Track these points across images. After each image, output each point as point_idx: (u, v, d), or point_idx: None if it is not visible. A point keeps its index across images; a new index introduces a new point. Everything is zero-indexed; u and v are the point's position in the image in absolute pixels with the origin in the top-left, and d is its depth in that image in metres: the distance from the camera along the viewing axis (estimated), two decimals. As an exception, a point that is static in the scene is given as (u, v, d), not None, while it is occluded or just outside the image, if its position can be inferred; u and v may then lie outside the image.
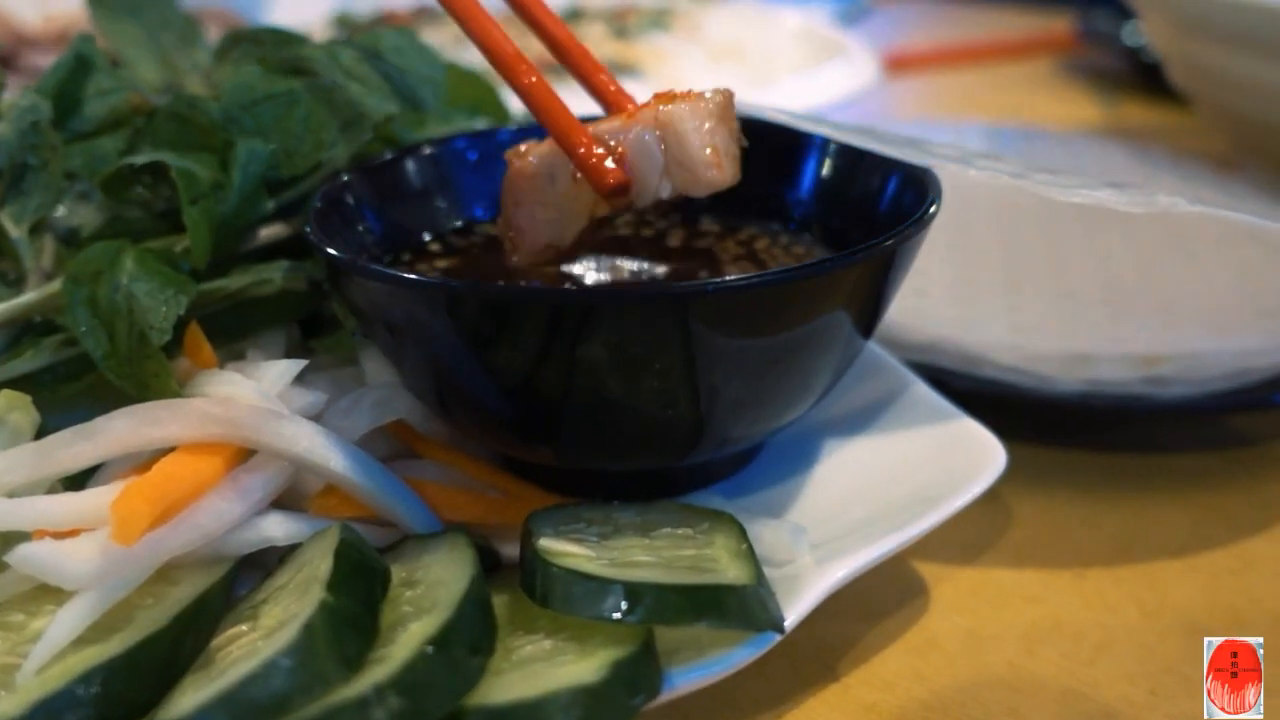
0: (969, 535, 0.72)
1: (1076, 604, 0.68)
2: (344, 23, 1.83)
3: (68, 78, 0.75)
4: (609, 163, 0.63)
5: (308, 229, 0.65)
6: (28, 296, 0.68)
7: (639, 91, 0.70)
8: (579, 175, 0.65)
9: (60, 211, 0.72)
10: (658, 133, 0.63)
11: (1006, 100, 1.75)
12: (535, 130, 0.81)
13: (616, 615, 0.51)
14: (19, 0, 1.72)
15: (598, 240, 0.77)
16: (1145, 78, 1.69)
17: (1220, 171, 1.19)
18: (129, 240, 0.67)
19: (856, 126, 0.76)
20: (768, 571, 0.58)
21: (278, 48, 0.79)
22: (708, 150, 0.63)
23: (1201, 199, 0.69)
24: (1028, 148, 1.29)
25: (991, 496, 0.67)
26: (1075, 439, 0.83)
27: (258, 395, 0.63)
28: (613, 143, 0.64)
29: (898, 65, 1.83)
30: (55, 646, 0.51)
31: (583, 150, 0.64)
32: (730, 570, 0.56)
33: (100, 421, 0.59)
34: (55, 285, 0.67)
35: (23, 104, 0.72)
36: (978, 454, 0.67)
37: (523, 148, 0.68)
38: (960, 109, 1.69)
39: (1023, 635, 0.65)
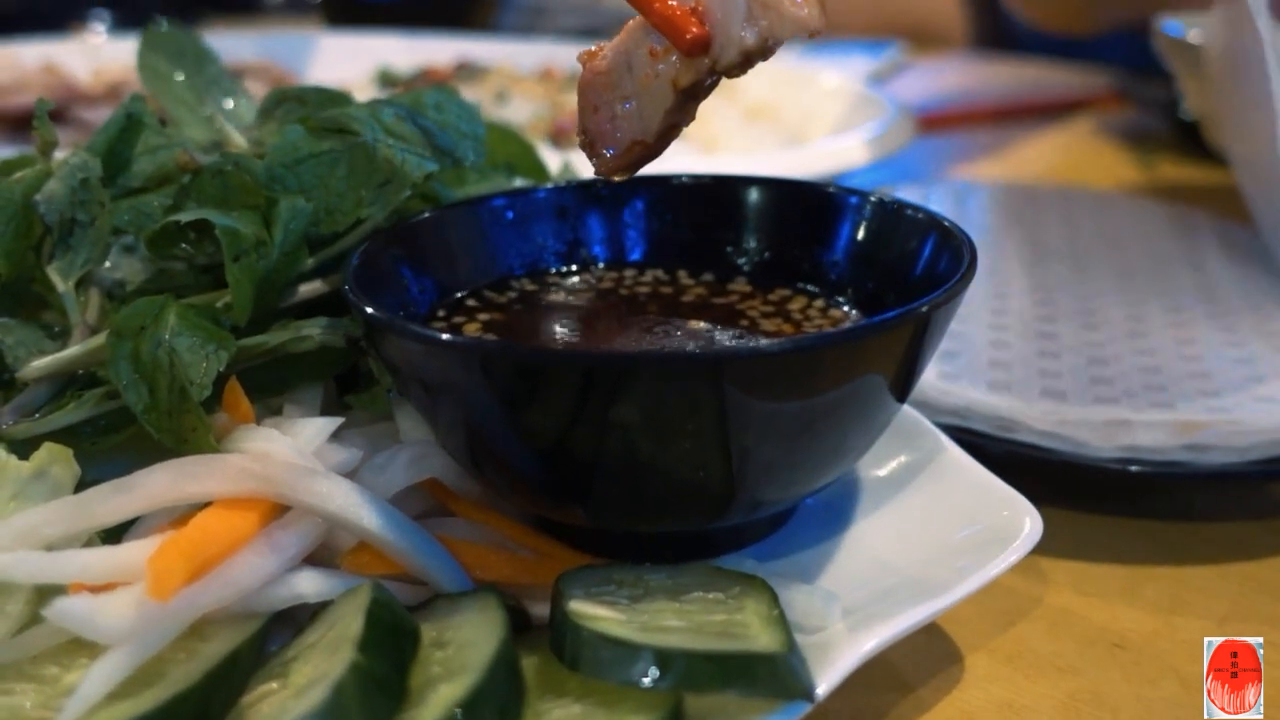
0: (1004, 603, 0.72)
1: (1115, 675, 0.66)
2: (386, 79, 1.86)
3: (118, 136, 0.77)
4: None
5: (346, 286, 0.66)
6: (73, 350, 0.69)
7: (676, 151, 0.70)
8: (656, 51, 0.62)
9: (106, 265, 0.74)
10: None
11: (1045, 158, 1.75)
12: (573, 189, 0.82)
13: (646, 681, 0.51)
14: (70, 56, 1.77)
15: (632, 301, 0.77)
16: (1185, 137, 1.69)
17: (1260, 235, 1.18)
18: (172, 295, 0.68)
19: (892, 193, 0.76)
20: (799, 638, 0.57)
21: (320, 106, 0.81)
22: None
23: (1238, 269, 0.68)
24: (1065, 208, 1.28)
25: (1027, 563, 0.66)
26: (1113, 506, 0.82)
27: (293, 452, 0.63)
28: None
29: (935, 123, 1.83)
30: (89, 701, 0.51)
31: (658, 4, 0.61)
32: (762, 637, 0.55)
33: (138, 476, 0.60)
34: (99, 339, 0.68)
35: (74, 162, 0.73)
36: (1013, 520, 0.66)
37: (593, 48, 0.66)
38: (998, 167, 1.69)
39: (1059, 707, 0.64)
